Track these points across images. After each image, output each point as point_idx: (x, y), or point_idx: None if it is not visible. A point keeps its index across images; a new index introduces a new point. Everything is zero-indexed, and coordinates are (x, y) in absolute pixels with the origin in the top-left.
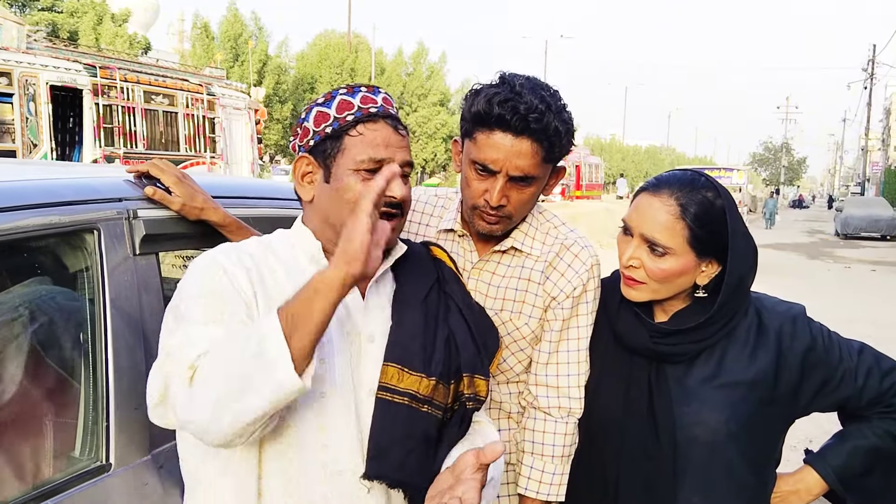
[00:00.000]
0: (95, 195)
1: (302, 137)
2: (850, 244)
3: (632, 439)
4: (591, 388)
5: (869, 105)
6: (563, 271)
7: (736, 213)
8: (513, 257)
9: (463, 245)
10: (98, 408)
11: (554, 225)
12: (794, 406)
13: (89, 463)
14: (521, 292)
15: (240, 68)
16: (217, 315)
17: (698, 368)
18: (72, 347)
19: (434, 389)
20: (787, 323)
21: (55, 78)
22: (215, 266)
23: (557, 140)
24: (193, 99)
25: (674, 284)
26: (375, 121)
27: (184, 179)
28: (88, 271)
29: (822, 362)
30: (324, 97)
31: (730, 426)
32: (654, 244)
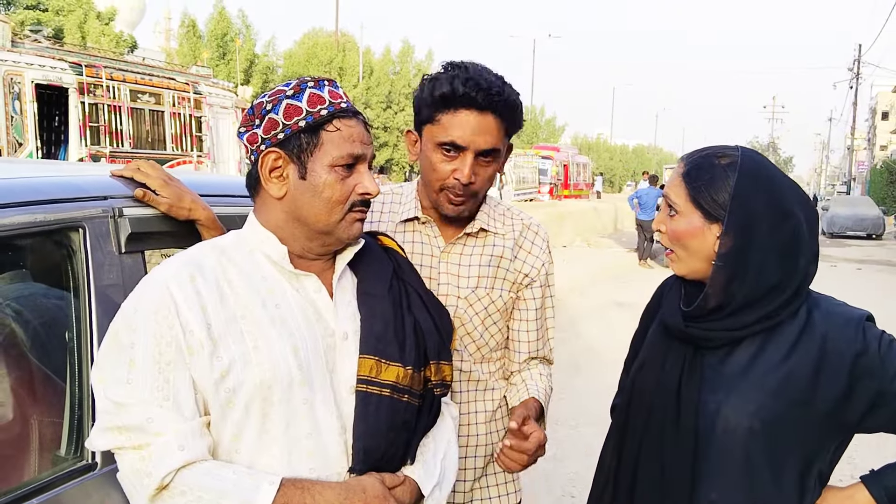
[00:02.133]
0: (81, 193)
1: (267, 130)
2: (835, 243)
3: (654, 421)
4: (635, 372)
5: (855, 104)
6: (530, 249)
7: (754, 182)
8: (477, 238)
9: (427, 232)
10: (84, 406)
11: (507, 207)
12: (845, 418)
13: (74, 462)
14: (494, 268)
15: (226, 67)
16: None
17: (735, 358)
18: (57, 346)
19: (412, 378)
20: (837, 325)
21: (40, 76)
22: (168, 302)
23: (515, 113)
24: (180, 98)
25: (690, 249)
26: (349, 117)
27: (171, 181)
28: (74, 269)
29: (877, 372)
30: (291, 90)
31: (753, 422)
32: (668, 203)
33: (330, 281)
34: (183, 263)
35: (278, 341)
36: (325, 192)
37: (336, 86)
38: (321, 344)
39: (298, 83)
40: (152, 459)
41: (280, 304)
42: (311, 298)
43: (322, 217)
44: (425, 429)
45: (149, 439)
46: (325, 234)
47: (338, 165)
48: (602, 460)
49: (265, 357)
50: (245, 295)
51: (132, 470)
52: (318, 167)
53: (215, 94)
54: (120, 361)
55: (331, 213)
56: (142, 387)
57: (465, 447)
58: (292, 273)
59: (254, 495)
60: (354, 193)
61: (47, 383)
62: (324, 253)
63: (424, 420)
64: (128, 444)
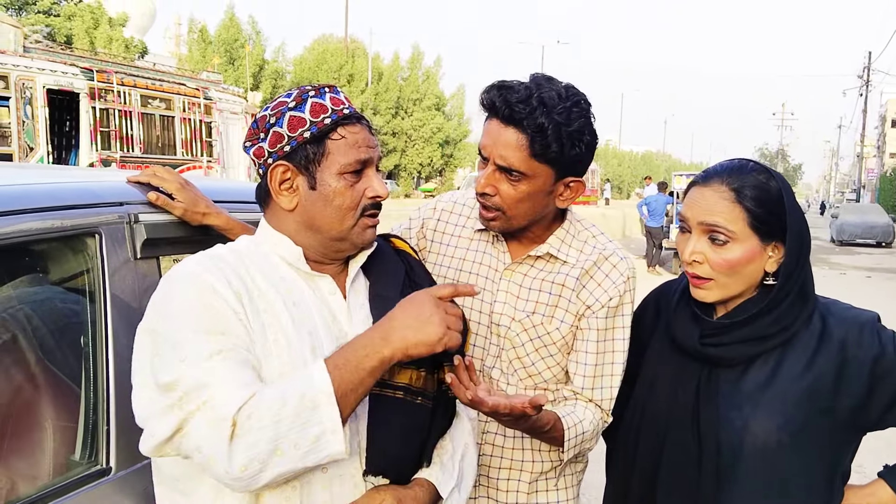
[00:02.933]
0: (97, 199)
1: (273, 143)
2: (845, 251)
3: (673, 444)
4: (645, 391)
5: (864, 112)
6: (600, 281)
7: (791, 193)
8: (546, 263)
9: (496, 246)
10: (98, 411)
11: (592, 234)
12: (864, 419)
13: (89, 467)
14: (555, 297)
15: (236, 72)
16: (221, 341)
17: (753, 373)
18: (72, 351)
19: (425, 380)
20: (854, 330)
21: (52, 81)
22: (202, 284)
23: (541, 136)
24: (190, 103)
25: (742, 275)
26: (353, 123)
27: (186, 186)
28: (89, 274)
29: (894, 373)
30: (293, 101)
31: (781, 435)
32: (715, 232)
33: (343, 284)
34: (205, 257)
35: (297, 338)
36: (336, 200)
37: (337, 91)
38: (336, 345)
39: (300, 93)
40: (223, 401)
41: (298, 302)
42: (326, 300)
43: (335, 224)
44: (441, 430)
45: (211, 391)
46: (340, 241)
47: (346, 172)
48: (615, 485)
49: (284, 351)
50: (266, 290)
51: (208, 426)
52: (326, 176)
53: (225, 99)
54: (166, 351)
55: (343, 220)
56: (196, 355)
57: (508, 469)
58: (308, 274)
59: (310, 381)
60: (364, 198)
61: (62, 388)
62: (338, 258)
63: (439, 422)
64: (193, 407)
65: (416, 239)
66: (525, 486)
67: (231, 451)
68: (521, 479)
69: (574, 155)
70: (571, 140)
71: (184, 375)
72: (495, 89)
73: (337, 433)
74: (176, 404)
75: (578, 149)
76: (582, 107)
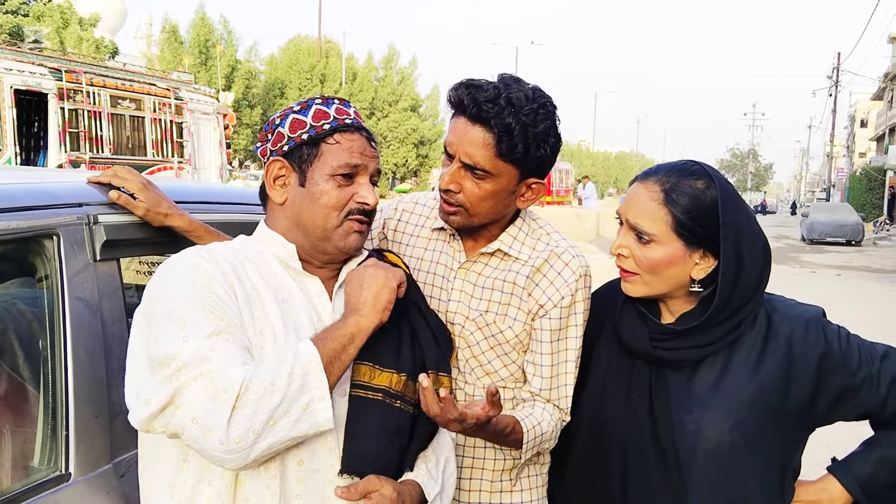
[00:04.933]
0: (54, 200)
1: (275, 142)
2: (815, 249)
3: (634, 446)
4: (596, 393)
5: (834, 112)
6: (553, 279)
7: (734, 205)
8: (500, 261)
9: (452, 244)
10: (57, 416)
11: (546, 231)
12: (812, 415)
13: (48, 472)
14: (507, 295)
15: (208, 73)
16: (221, 324)
17: (702, 374)
18: (30, 355)
19: (405, 385)
20: (799, 327)
21: (20, 82)
22: (201, 270)
23: (508, 136)
24: (161, 103)
25: (664, 276)
26: (351, 131)
27: (148, 186)
28: (48, 277)
29: (840, 368)
30: (299, 106)
31: (734, 436)
32: (639, 231)
33: (332, 288)
34: (201, 248)
35: (283, 332)
36: (322, 199)
37: (347, 105)
38: None
39: (307, 100)
40: (222, 374)
41: (287, 299)
42: (313, 301)
43: (319, 222)
44: (424, 438)
45: (211, 365)
46: (324, 241)
47: (336, 175)
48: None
49: (269, 343)
50: (258, 284)
51: (206, 396)
52: (316, 176)
53: (196, 99)
54: (164, 329)
55: (327, 219)
56: (196, 333)
57: (470, 468)
58: (298, 272)
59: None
60: (352, 202)
61: (20, 393)
62: (327, 262)
63: (423, 428)
64: (189, 377)
65: (378, 239)
66: (488, 484)
67: (231, 421)
68: (484, 477)
69: (539, 156)
70: (537, 141)
71: (183, 349)
72: (464, 87)
73: (325, 400)
74: (173, 375)
75: (543, 150)
76: (548, 109)
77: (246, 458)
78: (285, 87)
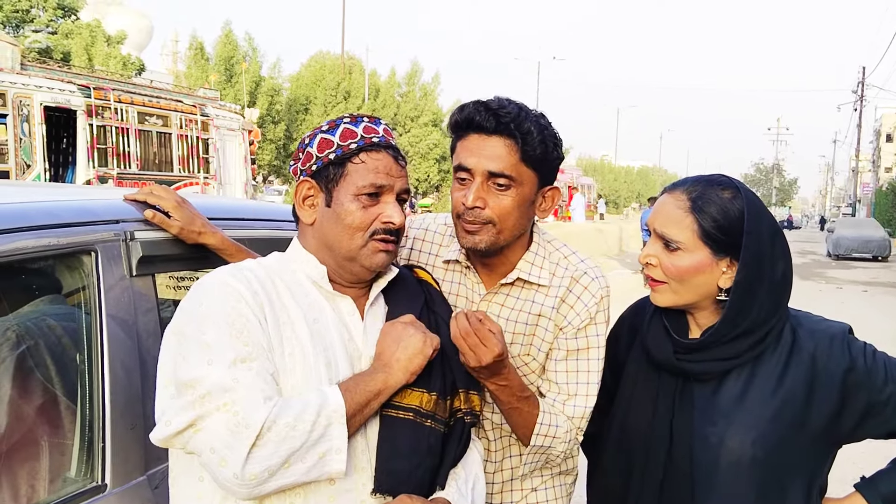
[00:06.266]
0: (93, 217)
1: (304, 162)
2: (841, 265)
3: (653, 459)
4: (626, 404)
5: (859, 127)
6: (573, 304)
7: (757, 215)
8: (521, 290)
9: (469, 276)
10: (94, 428)
11: (564, 255)
12: (838, 431)
13: (85, 483)
14: (532, 326)
15: (233, 89)
16: (246, 350)
17: (727, 388)
18: (68, 368)
19: (435, 404)
20: (824, 342)
21: (49, 99)
22: (231, 291)
23: (530, 138)
24: (187, 120)
25: (692, 284)
26: (378, 150)
27: (183, 204)
28: (85, 292)
29: (865, 385)
30: (328, 125)
31: (755, 450)
32: (666, 239)
33: (363, 306)
34: (234, 268)
35: (313, 353)
36: (347, 219)
37: (378, 123)
38: (350, 364)
39: (337, 119)
40: (245, 409)
41: (318, 319)
42: (345, 320)
43: (344, 243)
44: (456, 457)
45: (234, 396)
46: (350, 261)
47: (361, 194)
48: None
49: (299, 364)
50: (288, 304)
51: (227, 429)
52: (342, 196)
53: (222, 116)
54: (191, 351)
55: (352, 239)
56: (222, 359)
57: (500, 493)
58: (330, 293)
59: (325, 400)
60: (377, 221)
61: (58, 405)
62: (355, 281)
63: (454, 447)
64: (212, 406)
65: None
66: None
67: (249, 458)
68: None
69: (554, 158)
70: (553, 142)
71: (207, 375)
72: (471, 106)
73: (341, 452)
74: (196, 401)
75: (557, 152)
76: (546, 117)
77: (255, 493)
78: (309, 104)
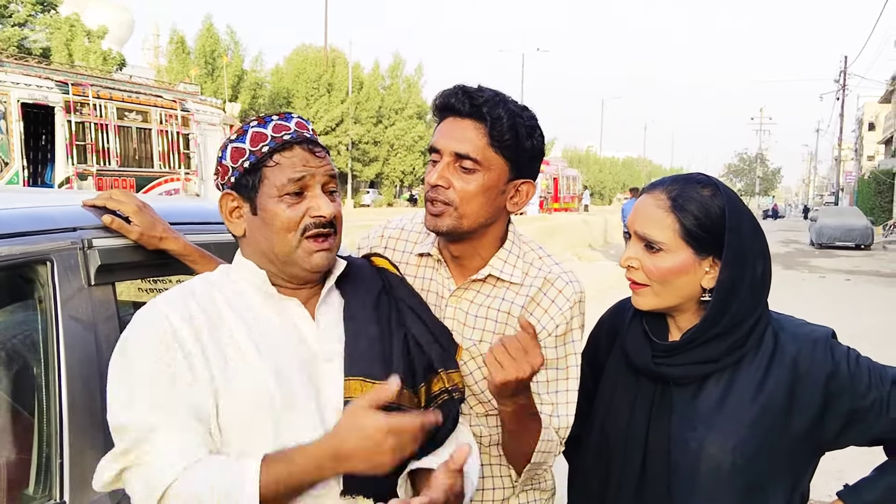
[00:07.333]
0: (48, 225)
1: (223, 176)
2: (824, 254)
3: (629, 464)
4: (605, 408)
5: (841, 116)
6: (547, 307)
7: (738, 212)
8: (492, 287)
9: (440, 272)
10: (52, 444)
11: (538, 255)
12: (820, 437)
13: (43, 501)
14: (501, 324)
15: (214, 83)
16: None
17: (707, 393)
18: (25, 382)
19: (398, 395)
20: (807, 346)
21: (26, 95)
22: (163, 328)
23: (499, 123)
24: (167, 115)
25: (675, 286)
26: (290, 148)
27: (143, 208)
28: (42, 303)
29: (847, 390)
30: (236, 133)
31: (735, 456)
32: (647, 240)
33: (314, 307)
34: (176, 293)
35: (260, 367)
36: (275, 222)
37: (289, 118)
38: (304, 367)
39: (243, 125)
40: (156, 469)
41: (265, 332)
42: (295, 323)
43: (277, 247)
44: (444, 434)
45: (150, 449)
46: (288, 265)
47: (284, 195)
48: None
49: (247, 381)
50: (231, 321)
51: (142, 486)
52: (264, 201)
53: (203, 110)
54: (122, 389)
55: (284, 242)
56: (142, 405)
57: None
58: (276, 297)
59: (241, 484)
60: (306, 217)
61: (15, 420)
62: (302, 283)
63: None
64: (133, 459)
65: None
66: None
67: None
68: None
69: (528, 148)
70: (526, 131)
71: (130, 423)
72: (451, 90)
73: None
74: (121, 453)
75: (531, 142)
76: (531, 111)
77: None
78: (292, 97)
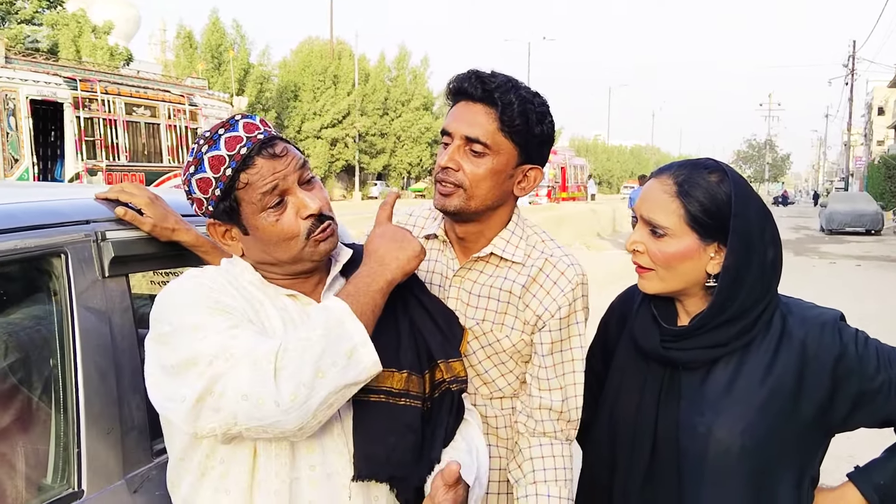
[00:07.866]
0: (62, 218)
1: (199, 206)
2: (834, 239)
3: (637, 448)
4: (614, 392)
5: (850, 101)
6: (549, 289)
7: (745, 198)
8: (495, 267)
9: (445, 253)
10: (69, 433)
11: (541, 238)
12: (830, 420)
13: (61, 490)
14: (503, 304)
15: (221, 77)
16: (234, 319)
17: (715, 377)
18: (41, 373)
19: (407, 381)
20: (815, 329)
21: (35, 92)
22: (200, 285)
23: (510, 109)
24: (175, 110)
25: (680, 271)
26: (252, 163)
27: (156, 201)
28: (56, 295)
29: (856, 372)
30: (194, 161)
31: (744, 439)
32: (653, 225)
33: (319, 294)
34: (196, 269)
35: None
36: (271, 237)
37: (234, 127)
38: None
39: (196, 152)
40: (255, 348)
41: (266, 324)
42: (302, 311)
43: (283, 254)
44: (450, 428)
45: (239, 346)
46: (295, 264)
47: (266, 209)
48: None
49: None
50: (259, 296)
51: (247, 370)
52: (252, 220)
53: (211, 105)
54: (180, 339)
55: (290, 249)
56: (214, 330)
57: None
58: (276, 292)
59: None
60: (299, 220)
61: (32, 410)
62: (310, 270)
63: (445, 418)
64: (221, 365)
65: None
66: None
67: (277, 382)
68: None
69: (538, 134)
70: (536, 117)
71: (206, 347)
72: (465, 74)
73: (367, 345)
74: (203, 370)
75: (542, 128)
76: (542, 97)
77: (306, 414)
78: (298, 90)
